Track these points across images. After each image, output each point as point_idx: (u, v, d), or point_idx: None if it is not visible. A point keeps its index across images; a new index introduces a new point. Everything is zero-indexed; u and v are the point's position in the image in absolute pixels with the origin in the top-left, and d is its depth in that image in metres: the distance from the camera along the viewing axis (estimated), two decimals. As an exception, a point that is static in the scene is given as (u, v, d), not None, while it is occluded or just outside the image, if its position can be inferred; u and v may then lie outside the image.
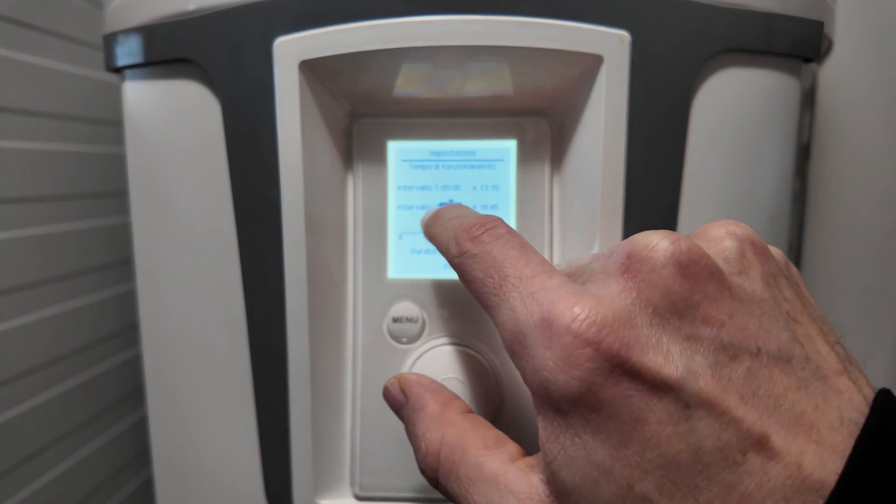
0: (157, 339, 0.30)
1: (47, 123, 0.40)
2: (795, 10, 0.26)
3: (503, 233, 0.19)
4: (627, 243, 0.16)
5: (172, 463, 0.31)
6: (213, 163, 0.26)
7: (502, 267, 0.18)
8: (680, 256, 0.16)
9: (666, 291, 0.15)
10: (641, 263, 0.16)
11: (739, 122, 0.26)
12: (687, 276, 0.15)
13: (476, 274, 0.19)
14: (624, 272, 0.16)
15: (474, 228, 0.20)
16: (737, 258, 0.17)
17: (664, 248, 0.16)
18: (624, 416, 0.15)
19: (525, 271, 0.17)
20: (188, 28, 0.26)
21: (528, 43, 0.23)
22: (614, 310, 0.15)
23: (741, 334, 0.15)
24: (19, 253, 0.38)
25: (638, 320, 0.15)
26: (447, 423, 0.20)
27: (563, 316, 0.15)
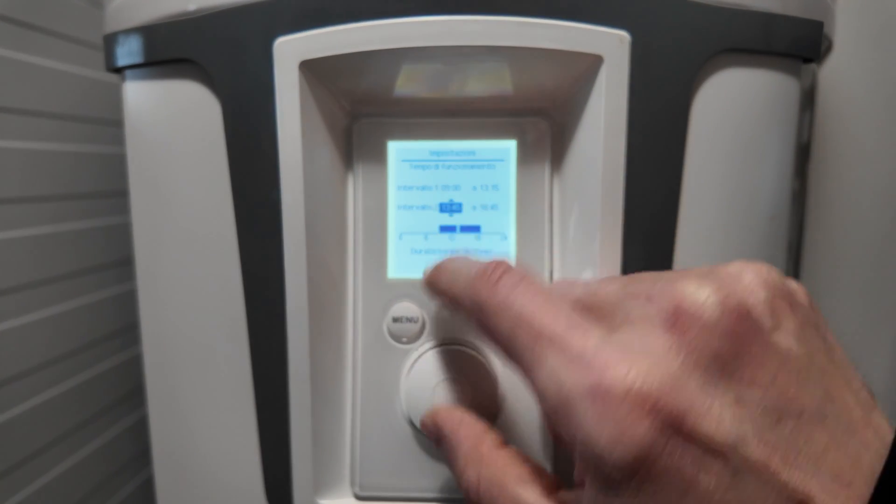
0: (157, 339, 0.30)
1: (48, 123, 0.40)
2: (795, 10, 0.26)
3: (519, 279, 0.18)
4: (672, 292, 0.16)
5: (172, 462, 0.31)
6: (214, 163, 0.26)
7: (531, 321, 0.17)
8: (730, 315, 0.15)
9: (716, 353, 0.15)
10: (691, 320, 0.15)
11: (739, 121, 0.26)
12: (735, 337, 0.15)
13: (501, 328, 0.18)
14: (671, 327, 0.16)
15: (488, 276, 0.19)
16: (771, 311, 0.16)
17: (714, 306, 0.15)
18: (675, 483, 0.15)
19: (558, 326, 0.17)
20: (188, 28, 0.26)
21: (527, 43, 0.24)
22: (668, 374, 0.15)
23: (784, 396, 0.15)
24: (20, 253, 0.38)
25: (691, 384, 0.15)
26: (482, 460, 0.20)
27: (616, 385, 0.15)
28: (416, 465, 0.27)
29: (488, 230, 0.27)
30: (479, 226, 0.27)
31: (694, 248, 0.26)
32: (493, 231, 0.27)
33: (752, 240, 0.27)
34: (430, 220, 0.27)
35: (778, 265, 0.28)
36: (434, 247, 0.27)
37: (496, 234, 0.27)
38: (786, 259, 0.28)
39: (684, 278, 0.16)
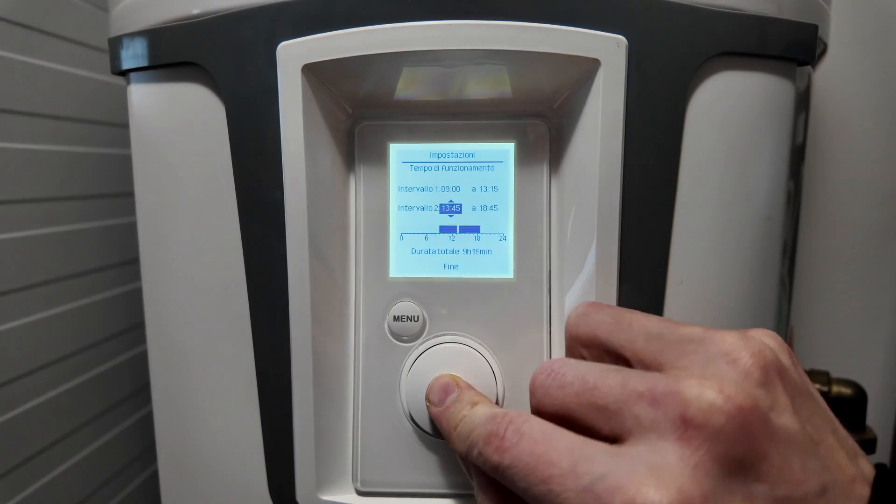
0: (162, 338, 0.31)
1: (54, 125, 0.41)
2: (790, 13, 0.26)
3: (520, 425, 0.19)
4: (677, 397, 0.16)
5: (177, 458, 0.31)
6: (218, 164, 0.27)
7: (538, 470, 0.17)
8: (735, 417, 0.16)
9: (725, 457, 0.16)
10: (698, 430, 0.16)
11: (735, 124, 0.26)
12: (743, 437, 0.16)
13: (521, 485, 0.18)
14: (679, 437, 0.16)
15: (494, 438, 0.19)
16: (766, 389, 0.17)
17: (720, 409, 0.16)
18: None
19: (564, 461, 0.17)
20: (193, 32, 0.26)
21: (526, 47, 0.24)
22: (676, 489, 0.15)
23: (789, 484, 0.16)
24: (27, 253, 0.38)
25: (701, 491, 0.15)
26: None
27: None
28: (416, 461, 0.27)
29: (487, 230, 0.27)
30: (479, 226, 0.27)
31: (690, 249, 0.26)
32: (492, 231, 0.27)
33: (747, 240, 0.27)
34: (430, 221, 0.27)
35: (773, 265, 0.28)
36: (434, 247, 0.27)
37: (495, 235, 0.27)
38: (780, 260, 0.29)
39: (687, 379, 0.17)
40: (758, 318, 0.28)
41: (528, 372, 0.27)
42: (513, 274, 0.27)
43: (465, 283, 0.27)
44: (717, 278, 0.27)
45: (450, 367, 0.26)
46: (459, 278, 0.27)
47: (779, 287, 0.29)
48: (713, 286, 0.27)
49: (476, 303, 0.27)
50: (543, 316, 0.27)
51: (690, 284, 0.26)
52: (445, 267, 0.27)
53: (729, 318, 0.27)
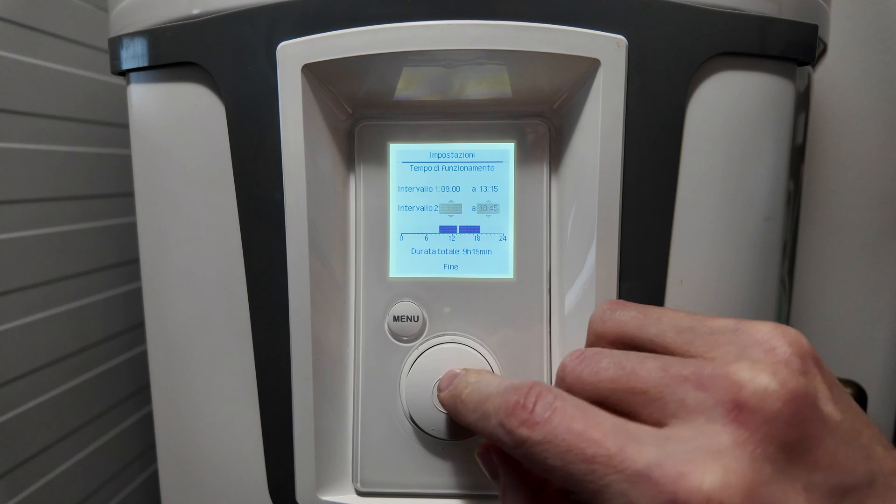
0: (162, 338, 0.31)
1: (54, 125, 0.41)
2: (790, 13, 0.26)
3: (552, 400, 0.17)
4: (728, 380, 0.16)
5: (177, 458, 0.31)
6: (218, 164, 0.27)
7: (579, 448, 0.16)
8: (791, 402, 0.15)
9: (782, 442, 0.15)
10: (753, 413, 0.15)
11: (735, 124, 0.26)
12: (798, 423, 0.15)
13: (553, 463, 0.17)
14: (733, 420, 0.15)
15: (521, 409, 0.18)
16: (807, 377, 0.17)
17: (775, 394, 0.15)
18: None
19: (610, 443, 0.16)
20: (193, 32, 0.26)
21: (526, 47, 0.24)
22: (740, 475, 0.14)
23: (843, 472, 0.16)
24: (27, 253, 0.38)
25: (762, 477, 0.15)
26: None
27: (694, 498, 0.14)
28: (416, 461, 0.27)
29: (487, 231, 0.27)
30: (479, 226, 0.27)
31: (690, 249, 0.26)
32: (492, 231, 0.27)
33: (747, 240, 0.27)
34: (430, 221, 0.27)
35: (773, 265, 0.28)
36: (434, 247, 0.28)
37: (495, 235, 0.27)
38: (780, 260, 0.29)
39: (738, 360, 0.16)
40: (758, 318, 0.28)
41: (529, 372, 0.27)
42: (513, 274, 0.27)
43: (465, 283, 0.27)
44: (717, 278, 0.27)
45: (450, 367, 0.26)
46: (459, 278, 0.27)
47: (779, 287, 0.29)
48: (713, 286, 0.27)
49: (476, 303, 0.27)
50: (543, 316, 0.27)
51: (690, 284, 0.26)
52: (445, 267, 0.27)
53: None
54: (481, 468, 0.23)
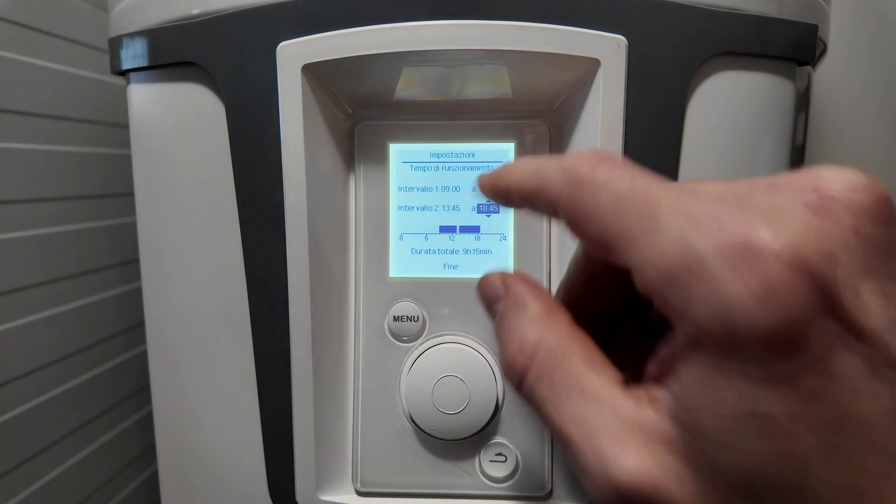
0: (161, 338, 0.31)
1: (54, 125, 0.41)
2: (790, 13, 0.26)
3: (630, 165, 0.16)
4: (811, 176, 0.14)
5: (177, 458, 0.31)
6: (217, 164, 0.27)
7: (647, 192, 0.15)
8: (882, 202, 0.13)
9: (865, 239, 0.13)
10: (838, 204, 0.13)
11: (735, 124, 0.26)
12: (885, 224, 0.13)
13: (602, 201, 0.15)
14: (816, 210, 0.13)
15: (591, 156, 0.16)
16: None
17: (865, 188, 0.13)
18: (815, 367, 0.13)
19: (681, 198, 0.14)
20: (193, 32, 0.26)
21: (526, 47, 0.24)
22: (822, 242, 0.13)
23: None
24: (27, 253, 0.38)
25: (844, 260, 0.13)
26: (551, 328, 0.17)
27: (764, 238, 0.13)
28: (416, 461, 0.27)
29: (487, 231, 0.27)
30: (479, 226, 0.27)
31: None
32: (492, 231, 0.27)
33: (747, 240, 0.27)
34: (430, 221, 0.27)
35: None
36: (434, 247, 0.28)
37: (495, 235, 0.27)
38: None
39: (816, 167, 0.14)
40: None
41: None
42: (513, 274, 0.27)
43: (465, 283, 0.27)
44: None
45: (450, 367, 0.26)
46: (459, 278, 0.27)
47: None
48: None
49: (476, 303, 0.27)
50: (543, 316, 0.27)
51: (690, 284, 0.26)
52: (445, 267, 0.27)
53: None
54: (479, 297, 0.21)
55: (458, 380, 0.26)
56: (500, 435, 0.27)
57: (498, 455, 0.27)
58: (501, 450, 0.27)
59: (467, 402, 0.26)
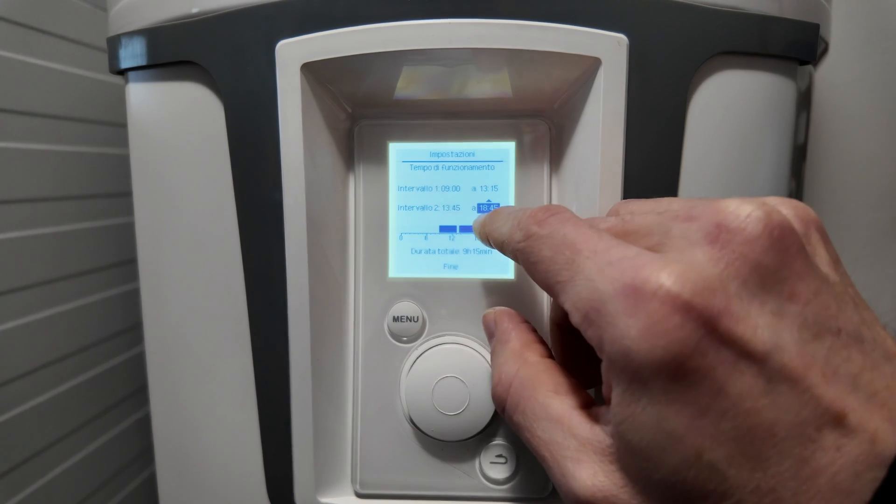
0: (160, 338, 0.31)
1: (52, 125, 0.41)
2: (791, 12, 0.26)
3: (570, 216, 0.19)
4: (713, 210, 0.16)
5: (175, 460, 0.31)
6: (216, 164, 0.27)
7: (573, 243, 0.17)
8: (773, 229, 0.15)
9: (756, 265, 0.15)
10: (733, 234, 0.15)
11: (736, 123, 0.26)
12: (778, 252, 0.15)
13: (544, 253, 0.18)
14: (712, 241, 0.15)
15: (540, 213, 0.19)
16: (808, 238, 0.17)
17: (758, 219, 0.15)
18: (705, 387, 0.14)
19: (599, 244, 0.17)
20: (191, 31, 0.26)
21: (527, 46, 0.24)
22: (704, 276, 0.15)
23: (824, 313, 0.15)
24: (25, 253, 0.38)
25: (729, 289, 0.15)
26: (524, 360, 0.21)
27: (649, 282, 0.15)
28: (416, 463, 0.27)
29: (487, 230, 0.27)
30: (479, 226, 0.27)
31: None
32: (492, 231, 0.27)
33: (748, 240, 0.27)
34: (430, 221, 0.27)
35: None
36: (434, 246, 0.27)
37: (495, 235, 0.27)
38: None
39: (725, 199, 0.16)
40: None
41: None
42: (513, 274, 0.27)
43: (465, 283, 0.27)
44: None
45: (450, 367, 0.26)
46: (459, 278, 0.27)
47: (780, 287, 0.29)
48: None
49: (476, 303, 0.27)
50: (544, 316, 0.27)
51: (691, 285, 0.26)
52: (445, 267, 0.27)
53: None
54: (484, 328, 0.24)
55: (458, 381, 0.26)
56: (501, 436, 0.27)
57: (498, 457, 0.27)
58: (502, 451, 0.27)
59: (467, 404, 0.25)
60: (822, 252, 0.17)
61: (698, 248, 0.15)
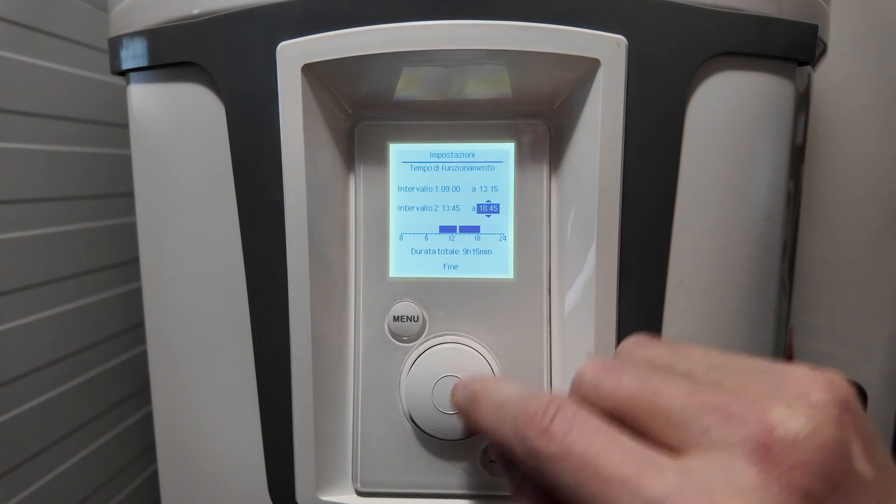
0: (161, 338, 0.31)
1: (54, 125, 0.41)
2: (790, 13, 0.26)
3: (572, 416, 0.17)
4: (759, 416, 0.15)
5: (177, 459, 0.32)
6: (217, 164, 0.27)
7: (597, 467, 0.16)
8: (824, 452, 0.15)
9: (807, 492, 0.14)
10: (784, 455, 0.14)
11: (734, 124, 0.26)
12: (827, 474, 0.15)
13: (564, 479, 0.16)
14: (760, 459, 0.14)
15: (540, 420, 0.17)
16: (841, 429, 0.16)
17: (808, 440, 0.14)
18: None
19: (627, 467, 0.15)
20: (192, 32, 0.26)
21: (526, 47, 0.24)
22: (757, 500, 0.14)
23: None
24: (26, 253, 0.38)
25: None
26: None
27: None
28: (416, 461, 0.27)
29: (487, 231, 0.27)
30: (479, 226, 0.27)
31: (690, 249, 0.26)
32: (492, 231, 0.27)
33: (747, 240, 0.27)
34: (430, 221, 0.27)
35: (773, 265, 0.28)
36: (434, 247, 0.28)
37: (495, 235, 0.27)
38: (780, 260, 0.29)
39: (770, 399, 0.15)
40: (758, 317, 0.28)
41: (529, 372, 0.27)
42: (513, 274, 0.27)
43: (465, 283, 0.27)
44: (717, 278, 0.27)
45: (450, 367, 0.26)
46: (459, 278, 0.27)
47: (779, 287, 0.29)
48: (713, 286, 0.27)
49: (476, 303, 0.27)
50: (543, 316, 0.27)
51: (690, 284, 0.26)
52: (445, 267, 0.27)
53: (729, 318, 0.27)
54: (495, 458, 0.22)
55: (457, 380, 0.26)
56: (500, 435, 0.27)
57: (498, 455, 0.27)
58: (501, 450, 0.27)
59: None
60: (857, 442, 0.16)
61: (744, 467, 0.14)
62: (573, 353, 0.26)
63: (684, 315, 0.26)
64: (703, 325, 0.27)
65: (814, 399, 0.16)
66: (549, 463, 0.17)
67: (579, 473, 0.16)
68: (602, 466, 0.15)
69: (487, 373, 0.26)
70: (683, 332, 0.26)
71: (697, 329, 0.27)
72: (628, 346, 0.21)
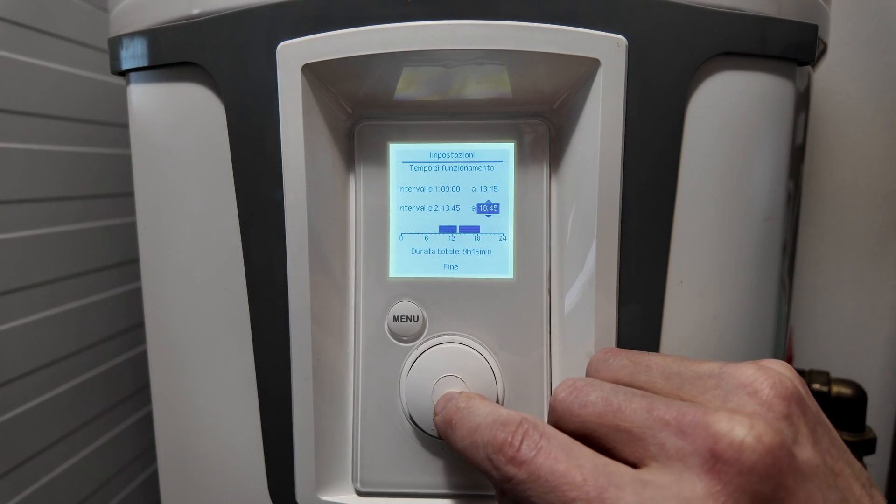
0: (161, 337, 0.31)
1: (54, 125, 0.41)
2: (790, 13, 0.26)
3: (538, 439, 0.18)
4: (706, 429, 0.16)
5: (177, 458, 0.32)
6: (217, 164, 0.27)
7: (561, 490, 0.17)
8: (767, 455, 0.16)
9: (755, 494, 0.16)
10: (728, 465, 0.16)
11: (735, 124, 0.26)
12: (772, 475, 0.16)
13: (535, 502, 0.18)
14: (709, 470, 0.16)
15: (509, 447, 0.19)
16: (788, 421, 0.17)
17: (751, 447, 0.16)
18: None
19: (590, 486, 0.17)
20: (192, 32, 0.26)
21: (526, 47, 0.24)
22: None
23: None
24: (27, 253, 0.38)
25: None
26: None
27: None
28: (416, 461, 0.27)
29: (487, 231, 0.27)
30: (479, 226, 0.27)
31: (690, 249, 0.26)
32: (491, 231, 0.27)
33: (746, 240, 0.27)
34: (430, 221, 0.27)
35: (773, 265, 0.28)
36: (434, 247, 0.28)
37: (495, 235, 0.27)
38: (780, 260, 0.29)
39: (716, 412, 0.17)
40: (758, 318, 0.28)
41: (528, 372, 0.27)
42: (513, 274, 0.27)
43: (465, 283, 0.27)
44: (717, 278, 0.27)
45: (450, 367, 0.26)
46: (459, 278, 0.27)
47: (778, 287, 0.29)
48: (713, 286, 0.27)
49: (476, 303, 0.27)
50: (543, 316, 0.27)
51: (690, 284, 0.26)
52: (445, 267, 0.27)
53: (729, 318, 0.27)
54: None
55: (458, 380, 0.26)
56: (500, 435, 0.27)
57: (498, 455, 0.27)
58: (501, 450, 0.27)
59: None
60: (803, 432, 0.17)
61: (696, 479, 0.16)
62: (573, 353, 0.26)
63: (684, 315, 0.26)
64: (702, 325, 0.27)
65: (763, 397, 0.17)
66: (521, 487, 0.18)
67: (548, 496, 0.17)
68: (567, 489, 0.17)
69: (487, 373, 0.26)
70: (683, 332, 0.26)
71: (697, 329, 0.27)
72: (595, 363, 0.23)
